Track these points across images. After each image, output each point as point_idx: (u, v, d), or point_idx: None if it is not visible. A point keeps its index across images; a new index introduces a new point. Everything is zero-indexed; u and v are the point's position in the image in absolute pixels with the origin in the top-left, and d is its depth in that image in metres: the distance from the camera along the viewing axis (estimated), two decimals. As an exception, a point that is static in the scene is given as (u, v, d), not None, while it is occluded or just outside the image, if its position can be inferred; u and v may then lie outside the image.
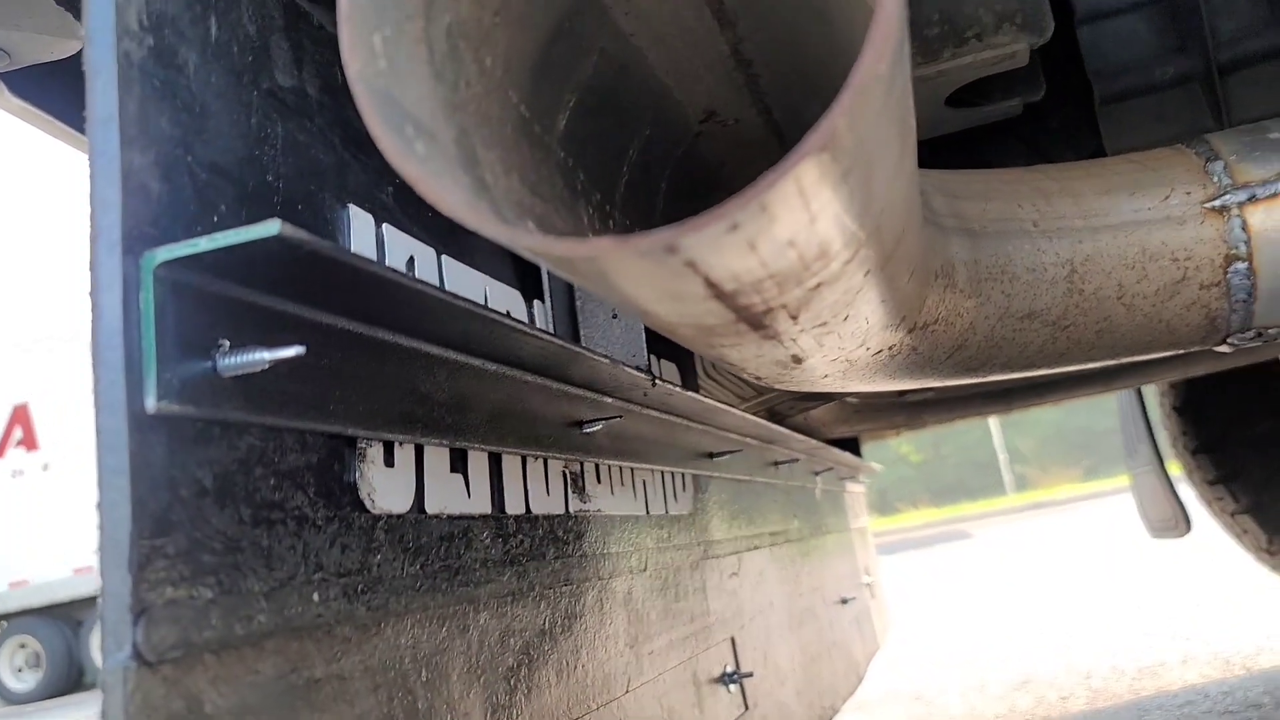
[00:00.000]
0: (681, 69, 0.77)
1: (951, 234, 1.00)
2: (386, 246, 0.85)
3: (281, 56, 0.76)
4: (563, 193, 0.69)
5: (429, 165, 0.47)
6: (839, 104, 0.40)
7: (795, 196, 0.43)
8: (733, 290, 0.51)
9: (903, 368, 1.01)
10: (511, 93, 0.61)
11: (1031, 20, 1.18)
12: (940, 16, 1.20)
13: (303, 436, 0.68)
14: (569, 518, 1.08)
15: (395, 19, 0.49)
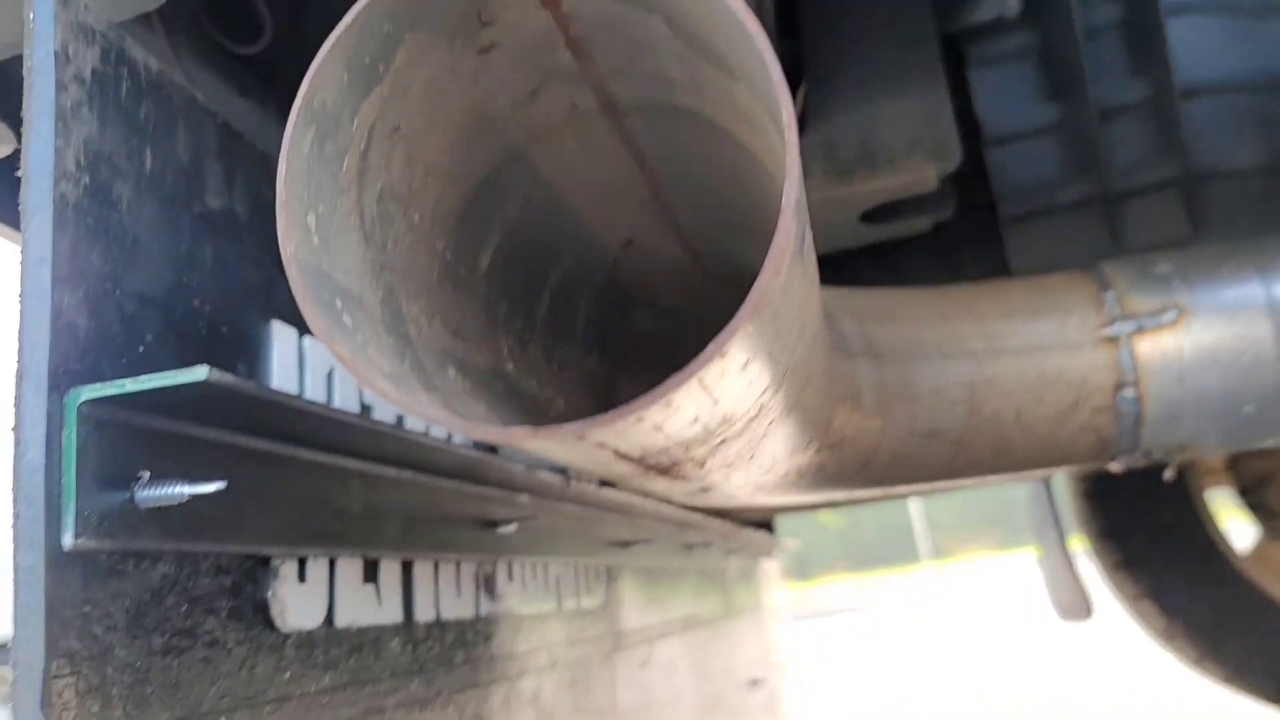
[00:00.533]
0: (603, 207, 0.81)
1: (859, 358, 1.05)
2: (307, 359, 0.87)
3: (214, 179, 0.77)
4: (484, 327, 0.72)
5: (356, 338, 0.50)
6: (738, 317, 0.43)
7: (698, 391, 0.46)
8: (640, 456, 0.54)
9: (810, 484, 1.05)
10: (438, 241, 0.64)
11: (941, 149, 1.25)
12: (856, 141, 1.26)
13: (217, 560, 0.70)
14: (479, 620, 1.09)
15: (330, 195, 0.52)
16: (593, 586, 1.52)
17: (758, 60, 0.46)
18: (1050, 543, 3.75)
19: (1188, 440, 1.23)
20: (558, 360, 0.87)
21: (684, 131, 0.69)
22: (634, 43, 0.57)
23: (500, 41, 0.56)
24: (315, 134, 0.50)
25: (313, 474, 0.79)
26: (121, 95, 0.67)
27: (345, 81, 0.50)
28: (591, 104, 0.66)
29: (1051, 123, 1.49)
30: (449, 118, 0.59)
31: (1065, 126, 1.48)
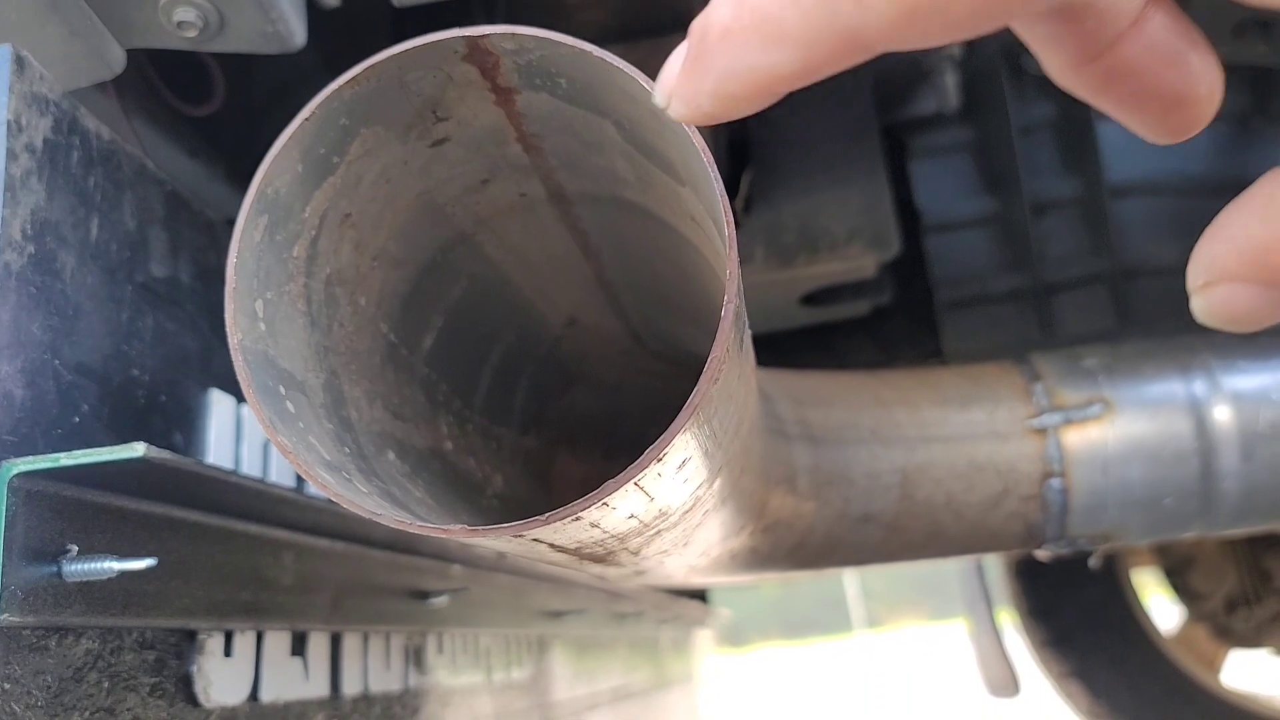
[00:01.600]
0: (547, 288, 0.82)
1: (795, 441, 1.07)
2: (245, 428, 0.86)
3: (159, 247, 0.78)
4: (424, 409, 0.72)
5: (298, 425, 0.50)
6: (676, 423, 0.44)
7: (635, 493, 0.47)
8: (575, 548, 0.55)
9: (743, 567, 1.06)
10: (382, 324, 0.65)
11: (880, 238, 1.28)
12: (797, 226, 1.29)
13: (142, 634, 0.68)
14: (407, 693, 1.08)
15: (278, 281, 0.52)
16: (523, 658, 1.51)
17: (702, 171, 0.48)
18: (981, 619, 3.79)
19: (1112, 530, 1.26)
20: (496, 438, 0.88)
21: (629, 222, 0.71)
22: (584, 142, 0.58)
23: (453, 135, 0.57)
24: (267, 223, 0.50)
25: (244, 546, 0.78)
26: (71, 164, 0.67)
27: (300, 172, 0.51)
28: (540, 193, 0.68)
29: (987, 214, 1.54)
30: (399, 205, 0.60)
31: (1000, 219, 1.53)
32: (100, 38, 0.68)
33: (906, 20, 0.26)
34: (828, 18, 0.27)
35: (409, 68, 0.51)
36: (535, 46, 0.49)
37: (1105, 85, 0.33)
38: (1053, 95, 1.50)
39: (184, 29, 0.69)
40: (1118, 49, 0.32)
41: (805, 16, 0.27)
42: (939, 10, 0.26)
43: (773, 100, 0.30)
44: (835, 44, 0.27)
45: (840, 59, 0.28)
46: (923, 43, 0.27)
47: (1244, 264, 0.28)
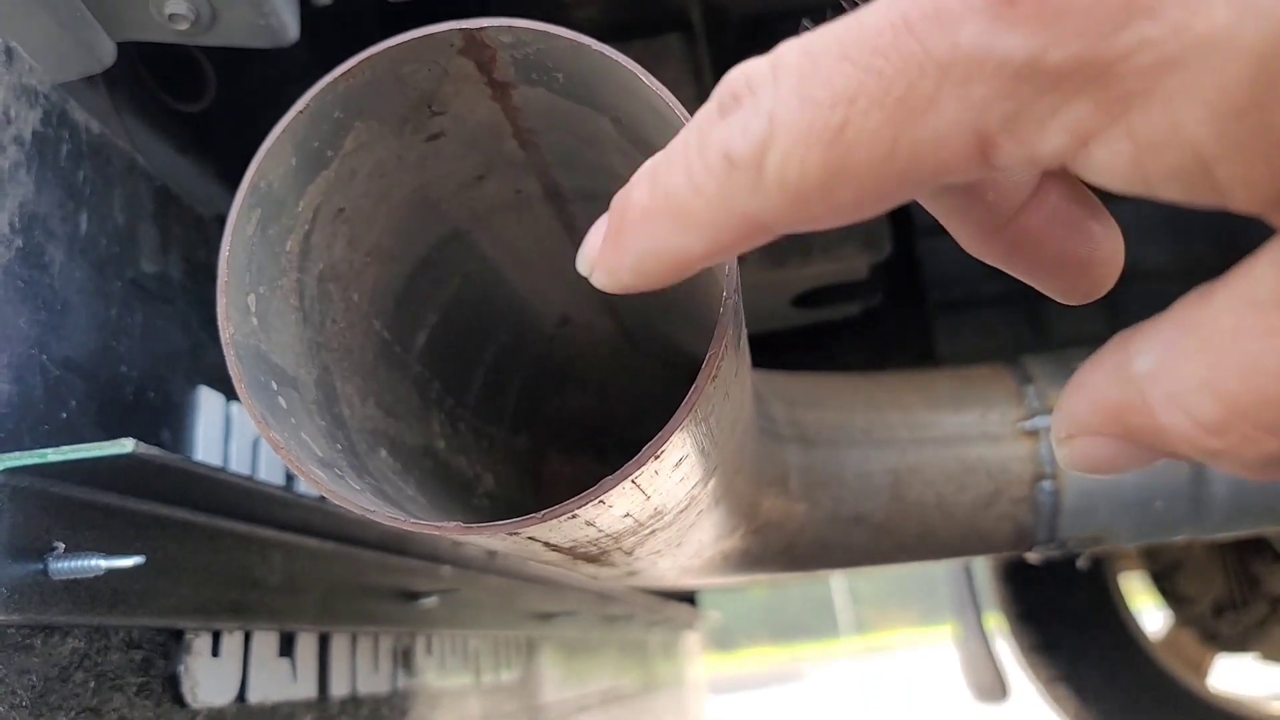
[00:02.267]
0: (540, 285, 0.82)
1: (788, 443, 1.06)
2: (234, 425, 0.86)
3: (149, 243, 0.77)
4: (416, 407, 0.72)
5: (290, 421, 0.49)
6: (674, 420, 0.44)
7: (632, 490, 0.46)
8: (569, 547, 0.54)
9: (735, 568, 1.05)
10: (375, 321, 0.64)
11: (872, 240, 1.28)
12: (791, 228, 1.29)
13: (129, 634, 0.68)
14: (395, 695, 1.07)
15: (271, 276, 0.52)
16: (512, 660, 1.50)
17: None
18: (968, 624, 3.79)
19: (1101, 532, 1.26)
20: (488, 437, 0.87)
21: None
22: (581, 138, 0.58)
23: (449, 130, 0.57)
24: (260, 216, 0.50)
25: (232, 545, 0.77)
26: (61, 158, 0.66)
27: (293, 165, 0.51)
28: (536, 190, 0.67)
29: (979, 217, 1.54)
30: (394, 201, 0.60)
31: None
32: (90, 30, 0.67)
33: (798, 207, 0.27)
34: (728, 204, 0.28)
35: (404, 60, 0.50)
36: (533, 40, 0.49)
37: (1013, 253, 0.35)
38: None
39: (175, 22, 0.68)
40: (1020, 220, 0.34)
41: (708, 203, 0.29)
42: (826, 198, 0.27)
43: (687, 275, 0.31)
44: (738, 228, 0.29)
45: (744, 241, 0.29)
46: (819, 225, 0.28)
47: (1101, 421, 0.29)
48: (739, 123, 0.28)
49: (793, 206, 0.27)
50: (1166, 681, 3.38)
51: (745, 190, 0.28)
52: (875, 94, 0.26)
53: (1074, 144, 0.24)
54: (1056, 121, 0.24)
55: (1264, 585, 3.19)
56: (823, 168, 0.26)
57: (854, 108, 0.26)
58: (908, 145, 0.26)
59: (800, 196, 0.27)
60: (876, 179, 0.26)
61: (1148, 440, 0.28)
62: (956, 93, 0.25)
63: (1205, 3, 0.22)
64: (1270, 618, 3.21)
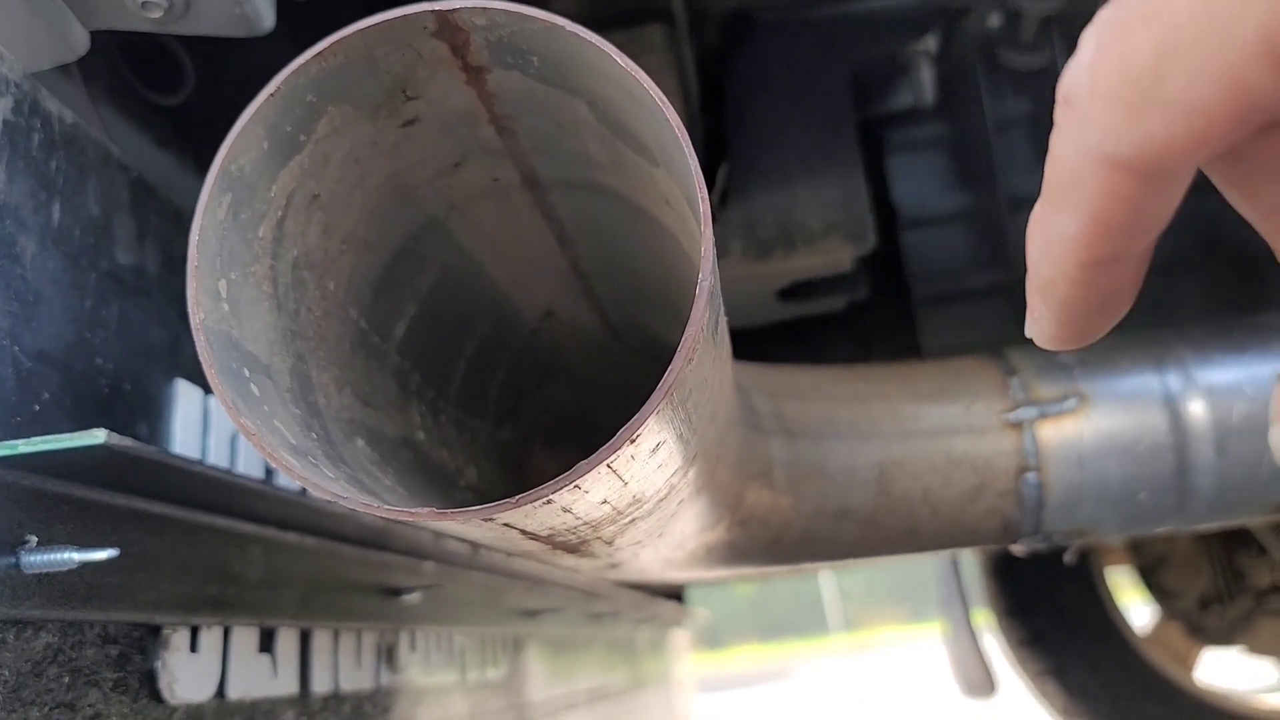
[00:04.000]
0: (522, 279, 0.81)
1: (772, 435, 1.06)
2: (212, 419, 0.85)
3: (124, 235, 0.76)
4: (396, 397, 0.71)
5: (263, 408, 0.49)
6: (649, 403, 0.43)
7: (608, 475, 0.46)
8: (547, 535, 0.54)
9: (719, 561, 1.05)
10: (351, 310, 0.63)
11: (856, 232, 1.28)
12: (774, 220, 1.28)
13: (104, 628, 0.67)
14: (379, 691, 1.07)
15: (243, 262, 0.51)
16: (497, 657, 1.49)
17: (677, 149, 0.47)
18: (956, 619, 3.80)
19: (1087, 525, 1.26)
20: (470, 430, 0.87)
21: (604, 208, 0.70)
22: (557, 123, 0.57)
23: (424, 116, 0.56)
24: (231, 201, 0.49)
25: (210, 539, 0.77)
26: (32, 147, 0.65)
27: (265, 149, 0.50)
28: (513, 178, 0.67)
29: (963, 210, 1.54)
30: (369, 187, 0.59)
31: (976, 214, 1.53)
32: (62, 18, 0.67)
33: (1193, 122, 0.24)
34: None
35: (377, 43, 0.50)
36: (506, 22, 0.48)
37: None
38: (1027, 90, 1.50)
39: (148, 9, 0.67)
40: None
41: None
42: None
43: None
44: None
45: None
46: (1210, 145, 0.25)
47: None
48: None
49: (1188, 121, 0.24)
50: (1153, 675, 3.39)
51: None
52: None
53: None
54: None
55: (1249, 578, 3.20)
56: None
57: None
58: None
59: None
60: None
61: None
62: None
63: None
64: (1256, 611, 3.22)
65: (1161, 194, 0.25)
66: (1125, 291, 0.29)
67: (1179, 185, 0.26)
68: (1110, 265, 0.28)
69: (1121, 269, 0.28)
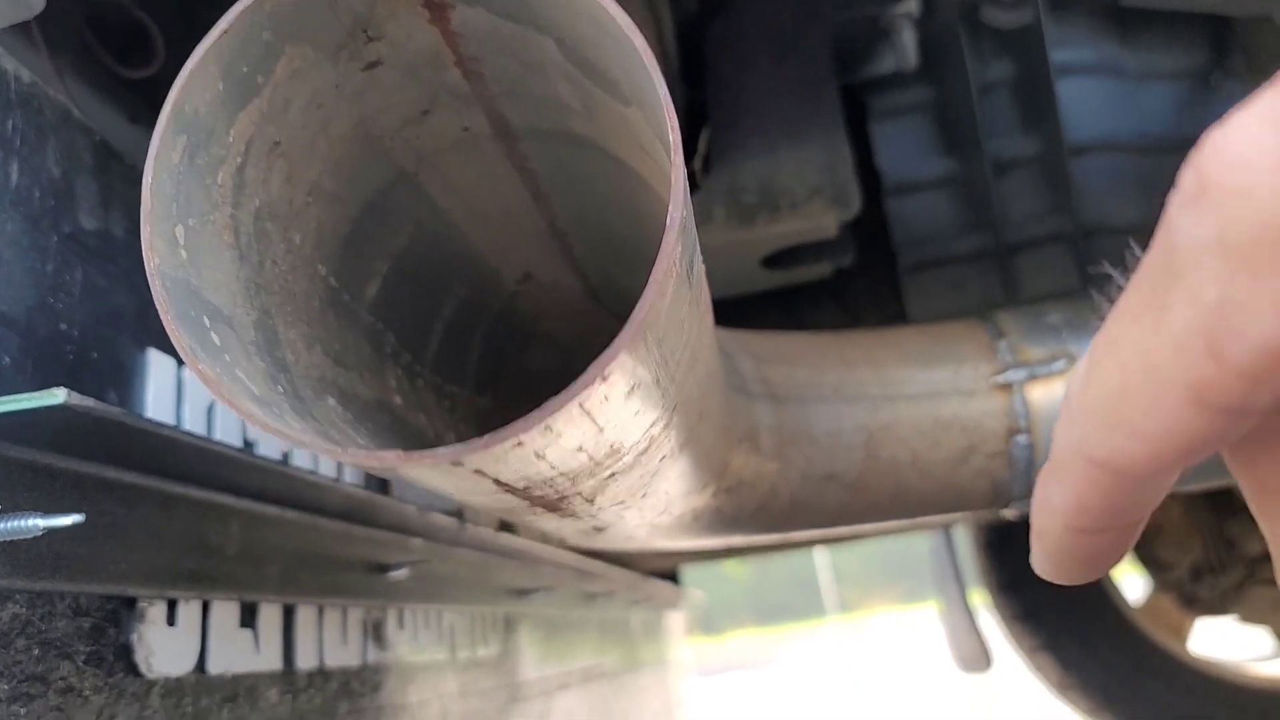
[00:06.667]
0: (498, 238, 0.79)
1: (757, 399, 1.05)
2: (186, 391, 0.83)
3: (87, 198, 0.74)
4: (370, 359, 0.69)
5: (224, 358, 0.47)
6: (620, 338, 0.42)
7: (580, 416, 0.44)
8: (524, 487, 0.52)
9: (708, 527, 1.04)
10: (320, 266, 0.62)
11: (840, 197, 1.27)
12: (757, 186, 1.27)
13: (76, 600, 0.65)
14: (366, 668, 1.05)
15: (201, 209, 0.49)
16: (489, 636, 1.48)
17: (646, 81, 0.45)
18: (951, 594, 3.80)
19: (1078, 487, 1.25)
20: (449, 396, 0.85)
21: (579, 159, 0.68)
22: (525, 64, 0.56)
23: (387, 58, 0.54)
24: (186, 144, 0.47)
25: (186, 511, 0.75)
26: (-14, 106, 0.64)
27: (220, 91, 0.48)
28: (484, 127, 0.65)
29: (948, 175, 1.52)
30: (334, 136, 0.57)
31: (961, 179, 1.52)
32: (16, -25, 0.65)
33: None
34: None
35: (334, -23, 0.48)
36: (467, -49, 0.47)
37: None
38: (1011, 53, 1.49)
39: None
40: None
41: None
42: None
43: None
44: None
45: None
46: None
47: None
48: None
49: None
50: (1147, 647, 3.40)
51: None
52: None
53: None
54: (1263, 298, 0.22)
55: (1240, 547, 3.21)
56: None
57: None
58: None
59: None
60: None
61: None
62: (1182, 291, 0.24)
63: None
64: (1248, 580, 3.22)
65: (1140, 491, 0.28)
66: (1110, 555, 0.31)
67: (1157, 485, 0.29)
68: (1094, 534, 0.30)
69: (1105, 538, 0.30)
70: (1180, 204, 0.23)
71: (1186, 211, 0.23)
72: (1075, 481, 0.28)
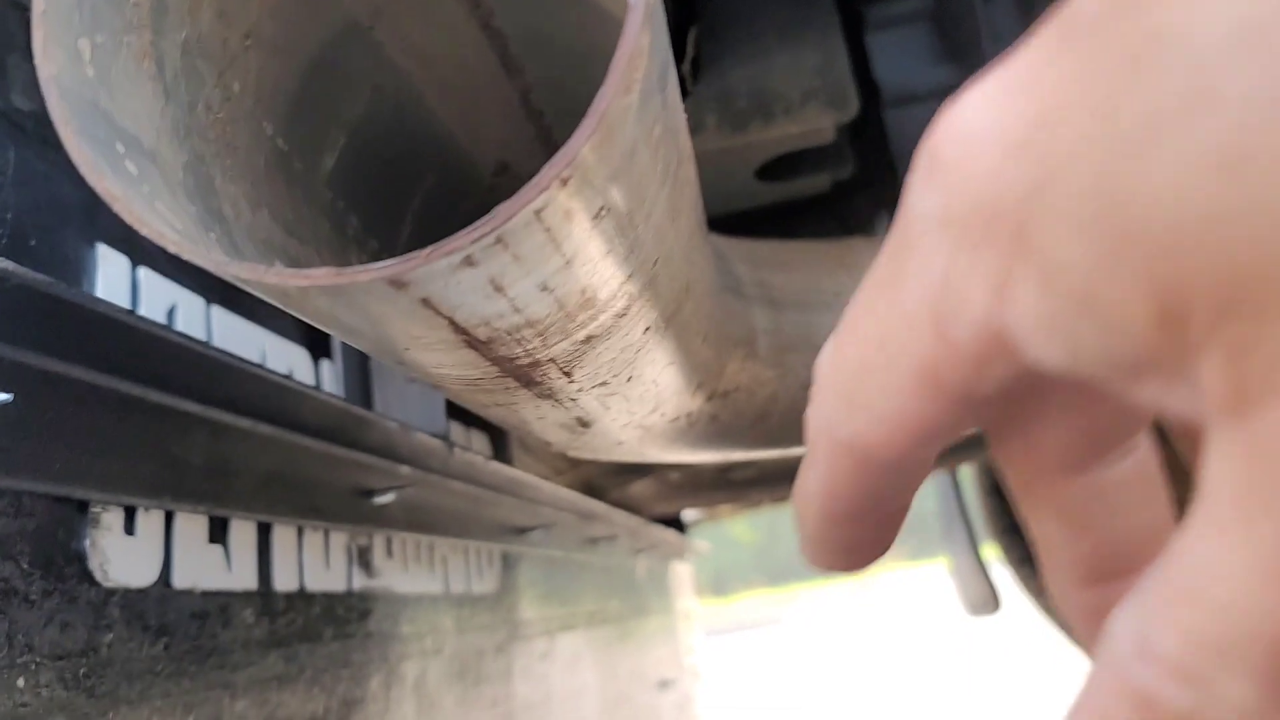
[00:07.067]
0: (468, 116, 0.74)
1: (753, 303, 1.00)
2: (143, 292, 0.78)
3: (21, 78, 0.69)
4: (330, 237, 0.64)
5: (142, 188, 0.42)
6: (580, 130, 0.37)
7: (540, 234, 0.39)
8: (487, 338, 0.47)
9: (704, 436, 0.99)
10: (265, 123, 0.56)
11: (836, 98, 1.21)
12: (749, 89, 1.21)
13: (17, 499, 0.61)
14: (352, 595, 1.01)
15: (113, 27, 0.44)
16: (485, 572, 1.44)
17: None
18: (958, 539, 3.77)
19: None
20: (423, 291, 0.80)
21: (553, 14, 0.63)
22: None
23: None
24: (90, -53, 0.42)
25: (142, 414, 0.70)
26: (-104, -39, 0.58)
27: (128, -109, 0.43)
28: (442, -24, 0.59)
29: (949, 84, 1.46)
30: (269, -32, 0.52)
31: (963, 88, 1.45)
32: None
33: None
34: None
35: None
36: None
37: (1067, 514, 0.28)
38: (1014, -47, 1.42)
39: None
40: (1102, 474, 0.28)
41: None
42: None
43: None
44: None
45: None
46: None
47: None
48: None
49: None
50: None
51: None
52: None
53: (994, 297, 0.21)
54: (977, 274, 0.21)
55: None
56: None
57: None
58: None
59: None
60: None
61: None
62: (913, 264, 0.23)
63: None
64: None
65: (891, 476, 0.26)
66: (873, 545, 0.29)
67: (908, 471, 0.27)
68: (851, 522, 0.28)
69: (863, 526, 0.28)
70: (915, 175, 0.23)
71: (919, 183, 0.23)
72: (824, 465, 0.27)
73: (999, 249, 0.20)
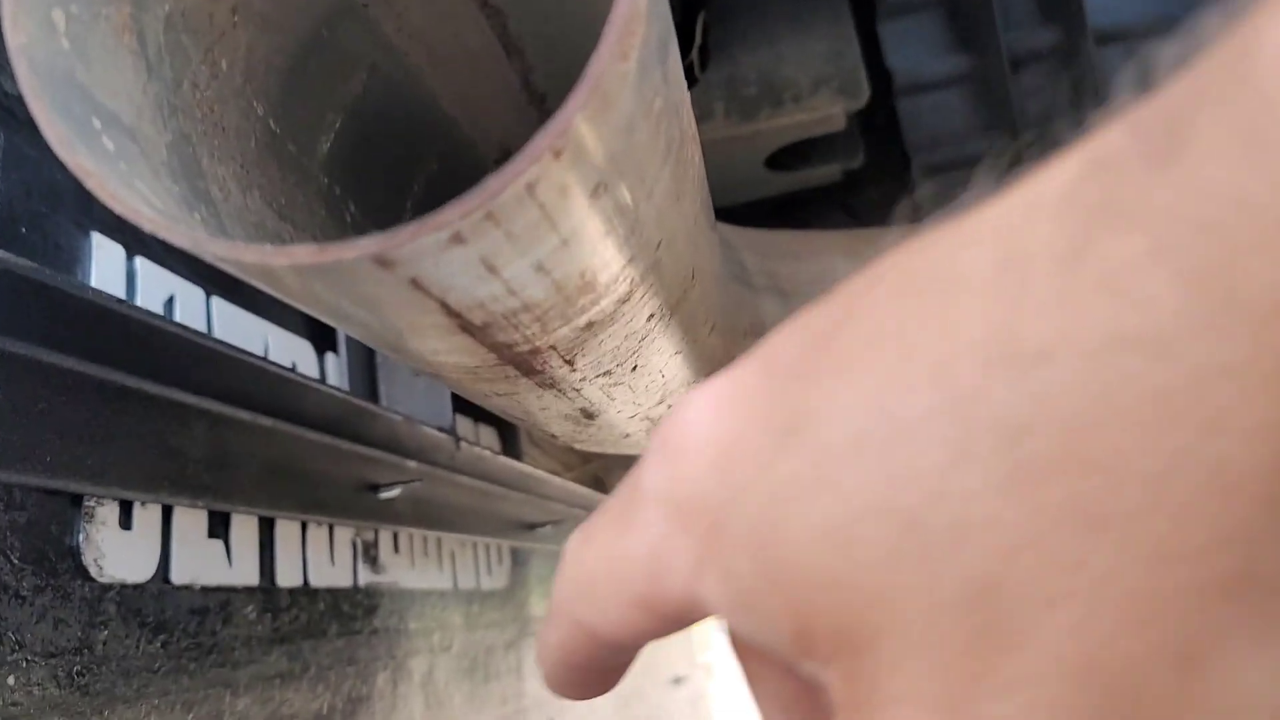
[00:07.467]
0: (469, 99, 0.72)
1: (762, 292, 0.98)
2: (139, 283, 0.77)
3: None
4: (325, 223, 0.63)
5: (119, 165, 0.40)
6: (573, 98, 0.35)
7: (534, 209, 0.37)
8: (483, 323, 0.45)
9: (713, 429, 0.97)
10: (256, 103, 0.55)
11: (848, 86, 1.19)
12: (758, 77, 1.19)
13: (8, 492, 0.59)
14: (357, 590, 0.99)
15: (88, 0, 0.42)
16: (495, 567, 1.42)
17: None
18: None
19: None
20: (425, 280, 0.78)
21: (550, -7, 0.61)
22: None
23: None
24: (65, -85, 0.40)
25: (138, 406, 0.68)
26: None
27: None
28: (439, -48, 0.58)
29: (962, 72, 1.44)
30: (257, -59, 0.50)
31: (976, 76, 1.43)
32: None
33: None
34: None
35: None
36: None
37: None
38: (1028, -64, 1.40)
39: None
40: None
41: None
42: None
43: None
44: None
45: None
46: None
47: None
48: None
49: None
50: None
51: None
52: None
53: (691, 573, 0.25)
54: (681, 551, 0.25)
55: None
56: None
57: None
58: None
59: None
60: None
61: None
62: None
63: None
64: None
65: (611, 650, 0.30)
66: (599, 685, 0.33)
67: (626, 650, 0.31)
68: (581, 670, 0.32)
69: (592, 674, 0.32)
70: (651, 451, 0.26)
71: (653, 459, 0.26)
72: (563, 631, 0.30)
73: (697, 538, 0.24)
